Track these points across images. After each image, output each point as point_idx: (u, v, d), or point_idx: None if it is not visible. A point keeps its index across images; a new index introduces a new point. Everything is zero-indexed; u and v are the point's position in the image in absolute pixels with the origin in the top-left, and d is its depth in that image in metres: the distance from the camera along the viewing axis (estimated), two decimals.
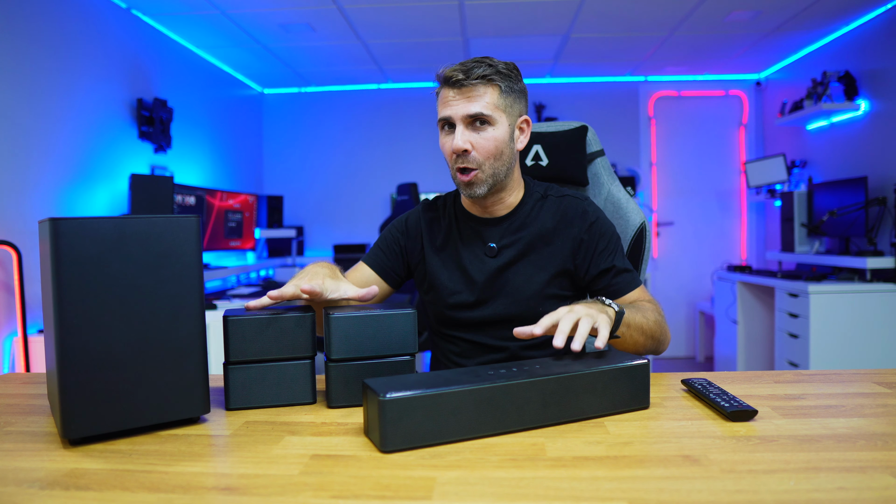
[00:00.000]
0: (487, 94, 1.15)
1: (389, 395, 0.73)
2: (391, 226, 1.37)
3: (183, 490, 0.64)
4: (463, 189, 1.20)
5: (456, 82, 1.15)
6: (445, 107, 1.17)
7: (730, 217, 4.99)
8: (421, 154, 5.02)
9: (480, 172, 1.17)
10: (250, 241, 4.07)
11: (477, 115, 1.15)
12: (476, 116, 1.15)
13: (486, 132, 1.16)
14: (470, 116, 1.15)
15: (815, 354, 3.16)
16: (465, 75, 1.14)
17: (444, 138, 1.20)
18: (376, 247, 1.35)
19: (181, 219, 0.82)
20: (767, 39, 3.96)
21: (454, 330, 1.30)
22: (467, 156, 1.16)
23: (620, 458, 0.71)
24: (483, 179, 1.18)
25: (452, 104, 1.16)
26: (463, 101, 1.15)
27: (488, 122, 1.16)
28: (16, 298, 2.34)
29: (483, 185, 1.18)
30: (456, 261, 1.28)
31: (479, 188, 1.18)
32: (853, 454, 0.70)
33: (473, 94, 1.15)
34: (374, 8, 3.32)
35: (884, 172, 3.35)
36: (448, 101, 1.17)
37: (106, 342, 0.77)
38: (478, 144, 1.16)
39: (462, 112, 1.15)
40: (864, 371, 1.10)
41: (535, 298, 1.23)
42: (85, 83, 2.87)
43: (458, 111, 1.15)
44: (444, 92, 1.18)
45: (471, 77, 1.14)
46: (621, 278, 1.22)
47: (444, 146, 1.20)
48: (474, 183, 1.18)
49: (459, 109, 1.15)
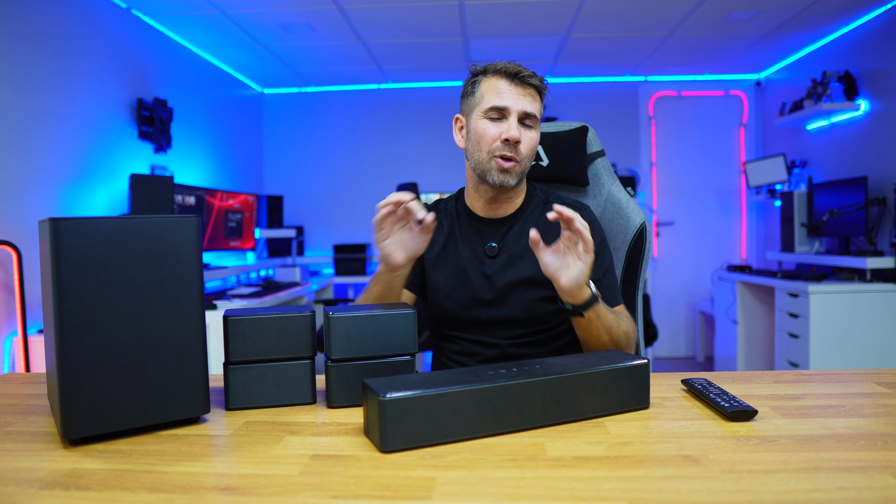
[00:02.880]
0: (538, 101, 1.23)
1: (389, 395, 0.73)
2: None
3: (183, 490, 0.64)
4: (497, 176, 1.21)
5: (521, 78, 1.20)
6: (501, 96, 1.20)
7: (730, 217, 4.99)
8: (421, 154, 5.02)
9: (518, 165, 1.21)
10: (250, 241, 4.07)
11: (531, 115, 1.21)
12: (529, 115, 1.21)
13: (532, 133, 1.22)
14: (526, 113, 1.20)
15: (815, 354, 3.15)
16: (530, 74, 1.20)
17: (490, 124, 1.21)
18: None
19: (181, 219, 0.82)
20: (767, 39, 3.96)
21: (453, 329, 1.30)
22: (517, 147, 1.20)
23: (620, 458, 0.71)
24: (519, 172, 1.22)
25: (510, 96, 1.20)
26: (520, 98, 1.20)
27: (533, 125, 1.22)
28: (16, 298, 2.34)
29: (516, 177, 1.22)
30: (455, 260, 1.29)
31: (513, 178, 1.21)
32: (853, 454, 0.70)
33: (529, 94, 1.21)
34: (374, 8, 3.32)
35: (884, 172, 3.35)
36: (504, 92, 1.20)
37: (106, 342, 0.77)
38: (524, 141, 1.20)
39: (521, 107, 1.19)
40: (864, 371, 1.10)
41: (533, 300, 1.24)
42: (85, 83, 2.87)
43: (518, 104, 1.19)
44: (499, 83, 1.21)
45: (533, 79, 1.21)
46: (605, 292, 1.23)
47: (488, 131, 1.20)
48: (512, 172, 1.21)
49: (518, 104, 1.19)
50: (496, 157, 1.20)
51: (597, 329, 1.10)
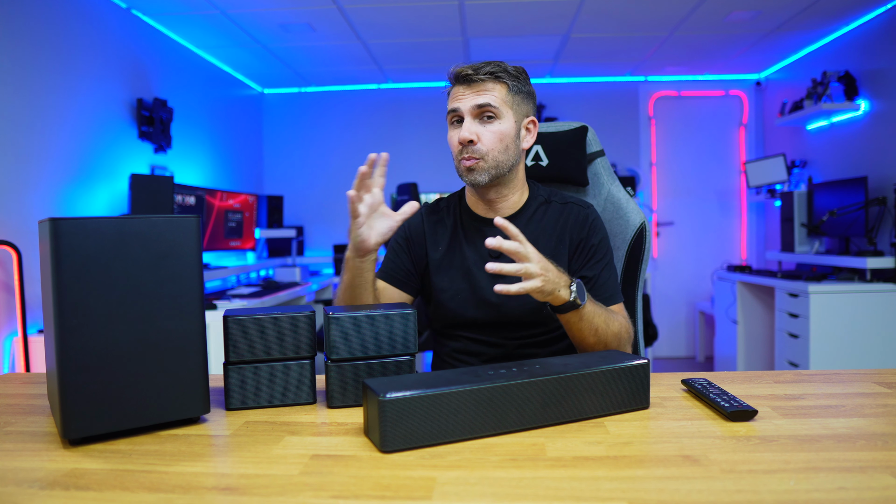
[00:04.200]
0: (496, 90, 1.19)
1: (389, 395, 0.73)
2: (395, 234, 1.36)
3: (183, 490, 0.64)
4: (465, 175, 1.21)
5: (465, 77, 1.19)
6: (454, 100, 1.21)
7: (730, 217, 4.99)
8: (421, 154, 5.02)
9: (483, 161, 1.19)
10: (250, 241, 4.07)
11: (484, 106, 1.18)
12: (483, 107, 1.18)
13: (493, 125, 1.19)
14: (478, 107, 1.18)
15: (815, 354, 3.15)
16: (474, 71, 1.19)
17: (452, 132, 1.23)
18: (387, 259, 1.35)
19: (181, 219, 0.82)
20: (767, 39, 3.96)
21: (457, 329, 1.30)
22: (472, 146, 1.19)
23: (620, 458, 0.71)
24: (485, 168, 1.20)
25: (461, 98, 1.20)
26: (471, 96, 1.19)
27: (495, 116, 1.19)
28: (16, 298, 2.34)
29: (485, 174, 1.20)
30: (460, 262, 1.29)
31: (480, 175, 1.20)
32: (853, 454, 0.70)
33: (482, 88, 1.19)
34: (374, 8, 3.32)
35: (884, 172, 3.35)
36: (457, 95, 1.21)
37: (106, 342, 0.77)
38: (483, 136, 1.19)
39: (471, 103, 1.19)
40: (864, 371, 1.10)
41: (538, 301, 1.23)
42: (85, 83, 2.87)
43: (468, 103, 1.19)
44: (455, 89, 1.22)
45: (480, 73, 1.18)
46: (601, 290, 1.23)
47: (451, 139, 1.23)
48: (475, 169, 1.19)
49: (469, 101, 1.19)
50: (460, 159, 1.21)
51: (580, 331, 1.11)
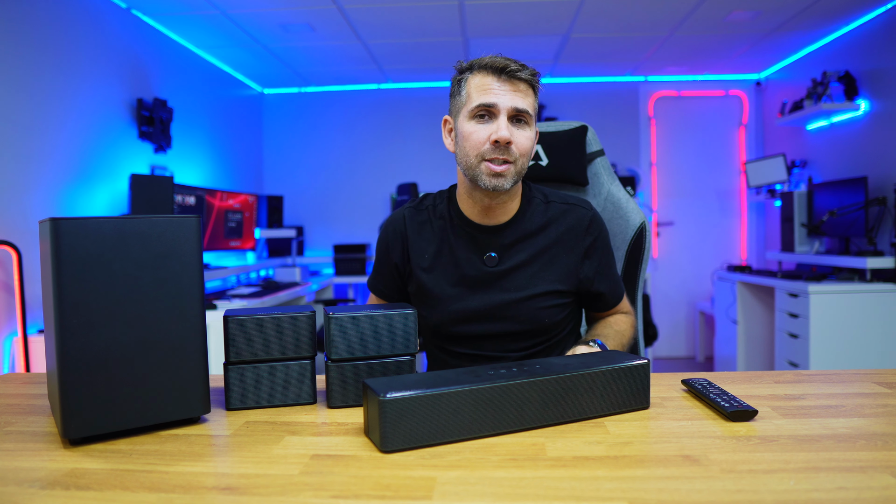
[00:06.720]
0: (530, 96, 1.13)
1: (389, 395, 0.73)
2: (377, 243, 1.31)
3: (183, 490, 0.64)
4: (489, 180, 1.11)
5: (510, 73, 1.10)
6: (489, 94, 1.10)
7: (730, 217, 4.99)
8: (421, 154, 5.01)
9: (513, 167, 1.11)
10: (250, 241, 4.07)
11: (523, 112, 1.11)
12: (521, 112, 1.11)
13: (525, 131, 1.12)
14: (517, 110, 1.10)
15: (815, 354, 3.15)
16: (519, 67, 1.10)
17: (478, 125, 1.11)
18: (375, 273, 1.31)
19: (181, 219, 0.82)
20: (767, 39, 3.96)
21: (451, 344, 1.25)
22: (509, 148, 1.10)
23: (620, 458, 0.71)
24: (514, 174, 1.12)
25: (499, 93, 1.09)
26: (510, 94, 1.10)
27: (526, 123, 1.13)
28: (16, 298, 2.34)
29: (510, 180, 1.12)
30: (452, 269, 1.21)
31: (507, 181, 1.11)
32: (853, 454, 0.70)
33: (520, 90, 1.11)
34: (374, 8, 3.32)
35: (884, 172, 3.35)
36: (492, 89, 1.10)
37: (106, 342, 0.77)
38: (517, 141, 1.11)
39: (510, 104, 1.09)
40: (864, 371, 1.10)
41: (538, 310, 1.20)
42: (85, 83, 2.87)
43: (507, 102, 1.09)
44: (486, 79, 1.11)
45: (524, 72, 1.10)
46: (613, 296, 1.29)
47: (476, 133, 1.11)
48: (505, 175, 1.11)
49: (508, 100, 1.09)
50: (486, 160, 1.10)
51: None
